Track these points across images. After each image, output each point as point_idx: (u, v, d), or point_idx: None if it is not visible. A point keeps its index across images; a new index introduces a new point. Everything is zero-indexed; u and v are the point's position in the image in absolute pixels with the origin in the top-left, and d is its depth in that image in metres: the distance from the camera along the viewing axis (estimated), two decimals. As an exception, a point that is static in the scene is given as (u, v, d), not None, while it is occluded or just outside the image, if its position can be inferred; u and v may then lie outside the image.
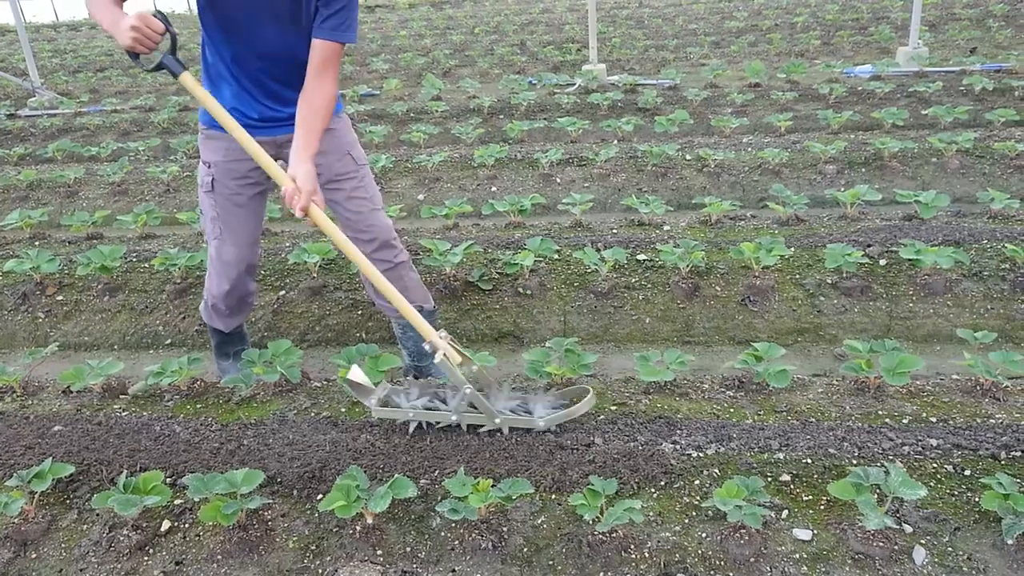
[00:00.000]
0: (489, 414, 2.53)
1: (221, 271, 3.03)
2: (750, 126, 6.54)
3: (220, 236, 2.97)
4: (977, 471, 2.27)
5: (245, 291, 3.13)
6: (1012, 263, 3.62)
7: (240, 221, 2.96)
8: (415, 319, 2.54)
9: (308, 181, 2.53)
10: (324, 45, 2.62)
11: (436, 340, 2.48)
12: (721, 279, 3.75)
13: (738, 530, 2.12)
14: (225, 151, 2.85)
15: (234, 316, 3.22)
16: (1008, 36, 10.22)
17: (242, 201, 2.93)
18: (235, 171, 2.87)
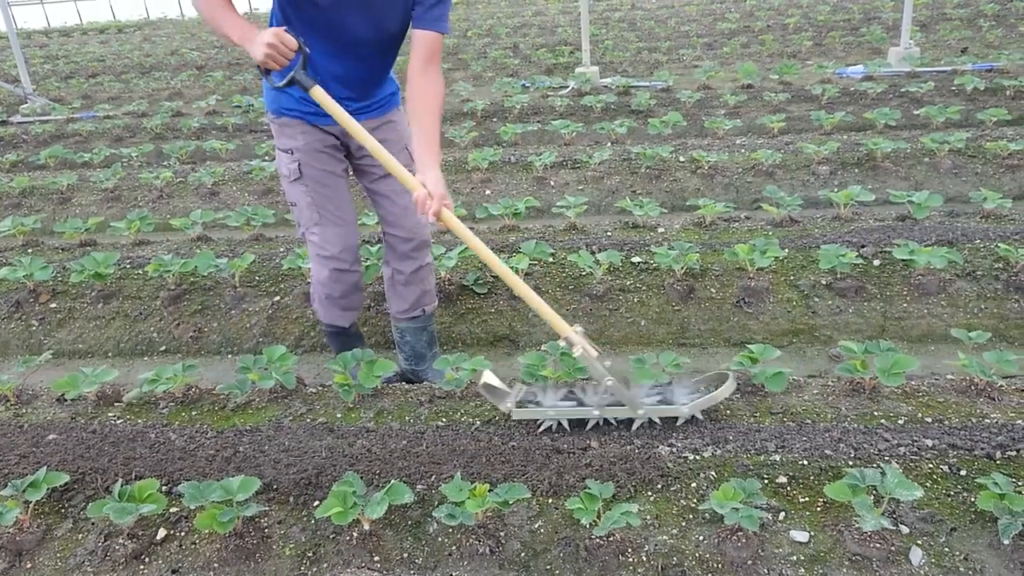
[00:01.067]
0: (633, 405, 2.48)
1: (330, 255, 2.99)
2: (743, 127, 6.56)
3: (321, 221, 2.95)
4: (973, 471, 2.28)
5: (356, 274, 3.10)
6: (1005, 262, 3.63)
7: (337, 200, 2.96)
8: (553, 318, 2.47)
9: (439, 185, 2.49)
10: (430, 37, 2.62)
11: (573, 335, 2.42)
12: (716, 281, 3.75)
13: (735, 532, 2.13)
14: (303, 135, 2.86)
15: (351, 307, 3.21)
16: (999, 35, 10.26)
17: (333, 181, 2.94)
18: (318, 148, 2.88)
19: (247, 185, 5.95)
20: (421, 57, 2.62)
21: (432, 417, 2.75)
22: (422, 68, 2.62)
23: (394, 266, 3.15)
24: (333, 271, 3.03)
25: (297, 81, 2.54)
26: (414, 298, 3.19)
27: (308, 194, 2.92)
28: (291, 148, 2.89)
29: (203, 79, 11.56)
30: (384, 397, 2.92)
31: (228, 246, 4.56)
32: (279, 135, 2.92)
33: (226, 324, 3.90)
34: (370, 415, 2.79)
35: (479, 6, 19.01)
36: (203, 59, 13.60)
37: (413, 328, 3.27)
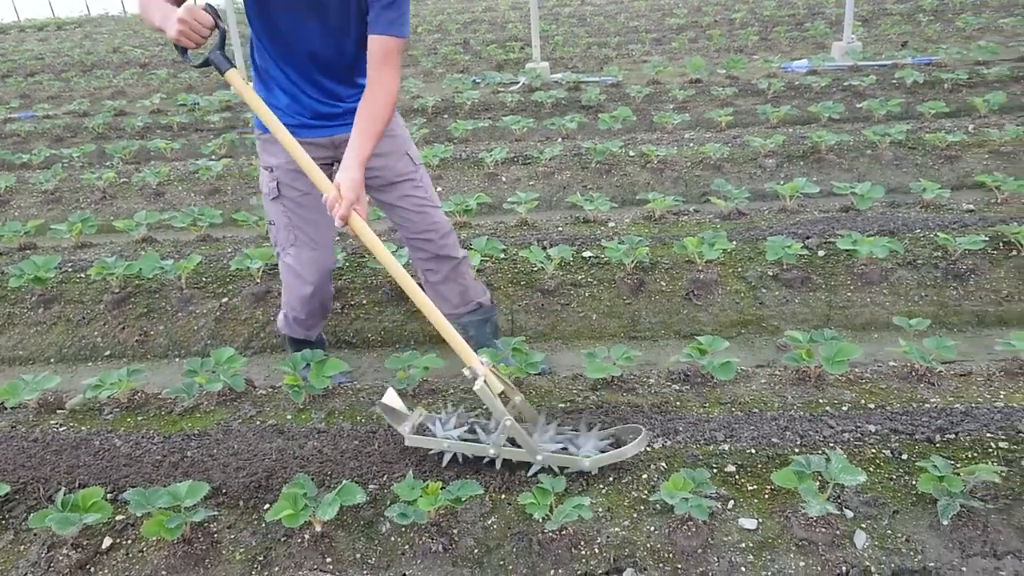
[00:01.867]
0: (531, 450, 2.32)
1: (302, 278, 2.93)
2: (691, 122, 6.63)
3: (296, 242, 2.89)
4: (914, 455, 2.34)
5: (325, 295, 3.06)
6: (944, 251, 3.73)
7: (314, 224, 2.87)
8: (456, 341, 2.35)
9: (352, 189, 2.37)
10: (382, 41, 2.52)
11: (477, 365, 2.30)
12: (666, 274, 3.79)
13: (685, 522, 2.15)
14: (284, 152, 2.75)
15: (316, 324, 3.18)
16: (937, 30, 10.51)
17: (313, 203, 2.81)
18: (299, 170, 2.77)
19: (193, 185, 5.85)
20: (374, 59, 2.54)
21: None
22: (376, 72, 2.54)
23: (424, 268, 3.08)
24: (303, 297, 2.98)
25: (212, 62, 2.42)
26: (458, 294, 3.12)
27: (286, 214, 2.86)
28: (272, 166, 2.82)
29: (147, 77, 11.32)
30: (335, 397, 2.90)
31: (174, 247, 4.48)
32: (262, 151, 2.86)
33: (173, 327, 3.83)
34: (321, 416, 2.77)
35: (428, 2, 18.91)
36: (147, 57, 13.32)
37: (476, 322, 3.19)
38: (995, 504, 2.14)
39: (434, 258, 3.04)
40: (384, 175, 2.87)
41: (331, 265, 3.01)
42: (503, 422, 2.29)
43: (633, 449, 2.32)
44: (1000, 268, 3.65)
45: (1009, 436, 2.39)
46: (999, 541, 2.05)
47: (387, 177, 2.89)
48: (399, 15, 2.53)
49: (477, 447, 2.38)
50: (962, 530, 2.08)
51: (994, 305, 3.54)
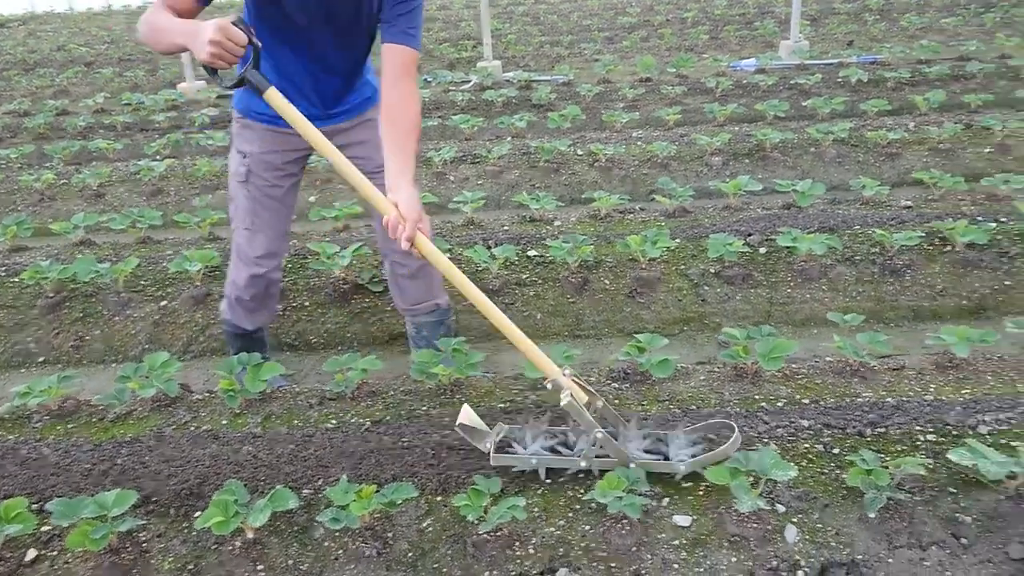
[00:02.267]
0: (623, 459, 2.23)
1: (249, 261, 2.94)
2: (640, 120, 6.67)
3: (252, 227, 2.89)
4: (845, 449, 2.37)
5: (271, 280, 3.02)
6: (881, 247, 3.79)
7: (274, 213, 2.90)
8: (533, 353, 2.25)
9: (413, 208, 2.24)
10: (400, 52, 2.43)
11: (560, 378, 2.18)
12: (610, 272, 3.81)
13: (619, 521, 2.16)
14: (261, 142, 2.76)
15: (260, 311, 3.12)
16: (882, 29, 10.72)
17: (278, 194, 2.87)
18: (271, 162, 2.80)
19: (135, 186, 5.73)
20: (392, 73, 2.44)
21: (322, 420, 2.71)
22: (393, 84, 2.44)
23: (394, 259, 3.03)
24: (250, 276, 2.97)
25: (248, 81, 2.21)
26: (422, 292, 3.09)
27: (249, 198, 2.87)
28: (245, 152, 2.83)
29: (91, 76, 11.08)
30: (273, 401, 2.86)
31: (112, 250, 4.38)
32: (238, 135, 2.85)
33: (109, 332, 3.75)
34: (257, 420, 2.73)
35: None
36: (92, 55, 13.04)
37: (431, 323, 3.17)
38: (921, 496, 2.18)
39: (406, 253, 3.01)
40: (365, 165, 2.79)
41: (282, 253, 3.03)
42: (594, 434, 2.19)
43: (730, 448, 2.23)
44: (935, 263, 3.73)
45: (937, 429, 2.43)
46: (924, 532, 2.09)
47: (367, 167, 2.82)
48: (416, 26, 2.47)
49: (567, 460, 2.29)
50: (889, 522, 2.11)
51: (929, 300, 3.62)
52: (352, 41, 2.64)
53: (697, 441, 2.33)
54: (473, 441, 2.37)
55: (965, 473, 2.22)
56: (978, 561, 2.02)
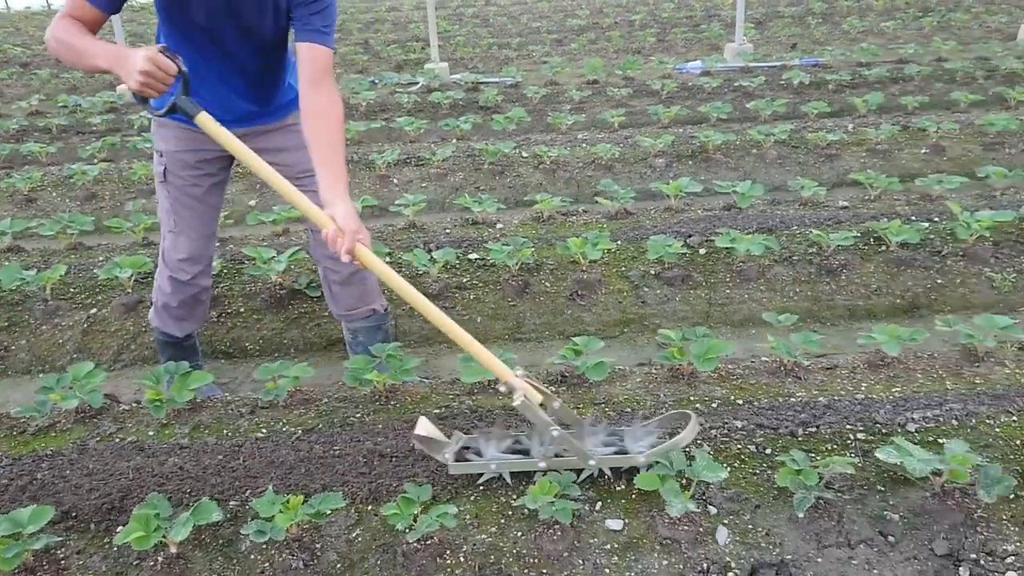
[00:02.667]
0: (582, 456, 2.23)
1: (175, 266, 2.88)
2: (586, 122, 6.68)
3: (175, 229, 2.84)
4: (777, 449, 2.38)
5: (199, 287, 2.95)
6: (818, 247, 3.84)
7: (195, 213, 2.83)
8: (486, 357, 2.21)
9: (350, 220, 2.20)
10: (316, 51, 2.39)
11: (513, 380, 2.16)
12: (551, 275, 3.79)
13: (552, 526, 2.14)
14: (176, 140, 2.71)
15: (188, 318, 3.05)
16: (824, 32, 10.91)
17: (197, 193, 2.81)
18: (186, 161, 2.74)
19: (68, 191, 5.57)
20: (310, 74, 2.39)
21: (252, 429, 2.64)
22: (313, 86, 2.39)
23: (326, 264, 2.99)
24: (174, 280, 2.92)
25: (180, 108, 2.25)
26: (355, 297, 3.05)
27: (168, 199, 2.83)
28: (162, 151, 2.78)
29: (27, 77, 10.76)
30: (202, 411, 2.78)
31: (41, 257, 4.24)
32: (155, 134, 2.81)
33: (36, 341, 3.62)
34: (185, 431, 2.65)
35: (332, 1, 18.59)
36: (28, 56, 12.67)
37: (368, 328, 3.12)
38: (850, 495, 2.20)
39: (334, 258, 2.96)
40: (286, 171, 2.75)
41: (209, 256, 2.95)
42: (550, 433, 2.18)
43: (688, 435, 2.25)
44: (870, 263, 3.79)
45: (867, 427, 2.45)
46: (853, 531, 2.11)
47: (289, 173, 2.77)
48: (329, 24, 2.43)
49: (527, 462, 2.27)
50: (818, 522, 2.13)
51: (864, 299, 3.67)
52: (262, 41, 2.56)
53: (654, 433, 2.33)
54: (431, 452, 2.34)
55: (893, 471, 2.25)
56: (904, 558, 2.04)
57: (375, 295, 3.11)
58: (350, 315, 3.08)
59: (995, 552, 2.03)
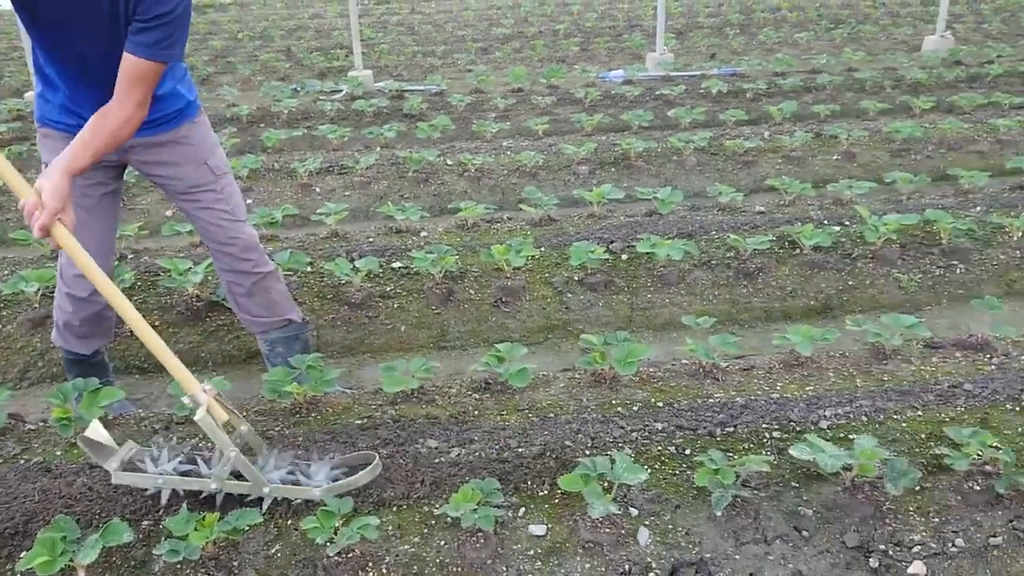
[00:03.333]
0: (257, 482, 2.17)
1: (72, 282, 2.75)
2: (511, 130, 6.71)
3: None
4: (696, 450, 2.42)
5: (101, 303, 2.81)
6: (736, 252, 3.93)
7: (89, 226, 2.66)
8: (173, 364, 2.18)
9: (55, 197, 2.13)
10: (133, 62, 2.32)
11: (199, 394, 2.15)
12: (475, 282, 3.79)
13: (474, 534, 2.13)
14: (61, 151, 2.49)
15: (93, 335, 2.92)
16: (742, 43, 11.22)
17: (90, 204, 2.67)
18: None
19: (-29, 202, 5.33)
20: (124, 79, 2.36)
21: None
22: (121, 91, 2.36)
23: (228, 279, 2.94)
24: (72, 297, 2.81)
25: None
26: (262, 308, 2.98)
27: None
28: (47, 162, 2.64)
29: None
30: (113, 428, 2.68)
31: (-59, 271, 4.05)
32: (41, 146, 2.70)
33: (-65, 360, 3.45)
34: (95, 449, 2.55)
35: (253, 7, 18.30)
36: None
37: (285, 338, 3.05)
38: (766, 492, 2.25)
39: (236, 272, 2.91)
40: (176, 185, 2.77)
41: (108, 270, 2.84)
42: (227, 454, 2.13)
43: (366, 476, 2.23)
44: (785, 266, 3.90)
45: (782, 425, 2.52)
46: (769, 527, 2.16)
47: (179, 188, 2.78)
48: (160, 39, 2.34)
49: (196, 481, 2.19)
50: (736, 519, 2.17)
51: (780, 301, 3.77)
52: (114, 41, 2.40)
53: (338, 467, 2.31)
54: (98, 459, 2.24)
55: (806, 467, 2.31)
56: (818, 552, 2.10)
57: (286, 305, 3.06)
58: (264, 326, 3.03)
59: (902, 542, 2.10)
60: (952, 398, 2.63)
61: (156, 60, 2.35)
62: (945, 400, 2.62)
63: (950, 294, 3.82)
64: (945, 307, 3.78)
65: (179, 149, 2.71)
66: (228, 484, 2.19)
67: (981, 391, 2.65)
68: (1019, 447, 2.37)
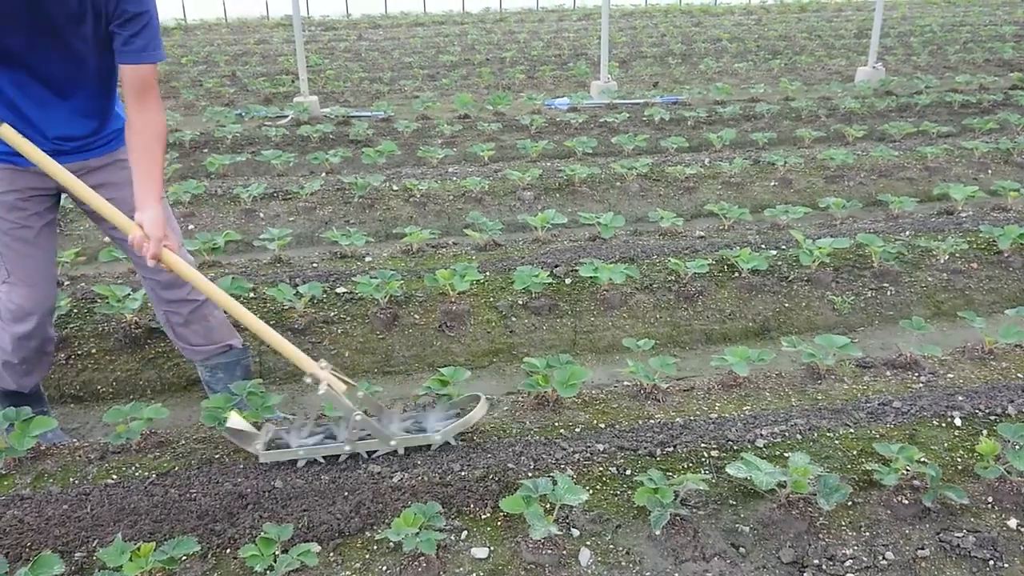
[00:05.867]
0: (383, 437, 2.46)
1: (15, 318, 2.68)
2: (457, 156, 6.75)
3: (9, 279, 2.64)
4: (636, 470, 2.46)
5: (43, 338, 2.77)
6: (676, 275, 4.01)
7: (31, 258, 2.64)
8: (293, 353, 2.44)
9: (157, 226, 2.33)
10: (134, 70, 2.41)
11: (318, 371, 2.38)
12: (419, 307, 3.80)
13: (416, 558, 2.13)
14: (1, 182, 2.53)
15: (32, 372, 2.85)
16: (684, 72, 11.47)
17: (28, 235, 2.62)
18: (11, 203, 2.56)
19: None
20: (132, 90, 2.44)
21: (101, 475, 2.51)
22: (135, 102, 2.45)
23: (165, 308, 2.90)
24: (15, 337, 2.71)
25: None
26: (201, 336, 2.95)
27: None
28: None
29: None
30: (47, 458, 2.62)
31: None
32: None
33: None
34: (27, 480, 2.49)
35: (198, 32, 18.13)
36: None
37: (225, 364, 3.02)
38: (705, 510, 2.30)
39: (172, 301, 2.87)
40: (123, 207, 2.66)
41: (50, 304, 2.77)
42: (353, 418, 2.39)
43: (478, 414, 2.51)
44: (724, 289, 3.98)
45: (720, 444, 2.57)
46: (708, 544, 2.20)
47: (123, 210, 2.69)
48: (148, 40, 2.42)
49: (332, 447, 2.46)
50: (675, 538, 2.21)
51: (719, 323, 3.85)
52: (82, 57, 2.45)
53: (450, 416, 2.59)
54: (242, 444, 2.51)
55: (743, 485, 2.36)
56: (755, 568, 2.14)
57: (226, 331, 3.03)
58: (203, 353, 2.99)
59: (835, 556, 2.16)
60: (882, 415, 2.71)
61: (153, 62, 2.45)
62: (875, 417, 2.71)
63: (881, 315, 3.95)
64: (876, 327, 3.90)
65: (119, 172, 2.68)
66: (359, 445, 2.47)
67: (910, 408, 2.74)
68: (945, 461, 2.47)
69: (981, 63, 11.63)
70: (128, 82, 2.44)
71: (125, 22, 2.37)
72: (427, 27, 18.39)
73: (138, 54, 2.41)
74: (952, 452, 2.52)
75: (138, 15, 2.37)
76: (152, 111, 2.48)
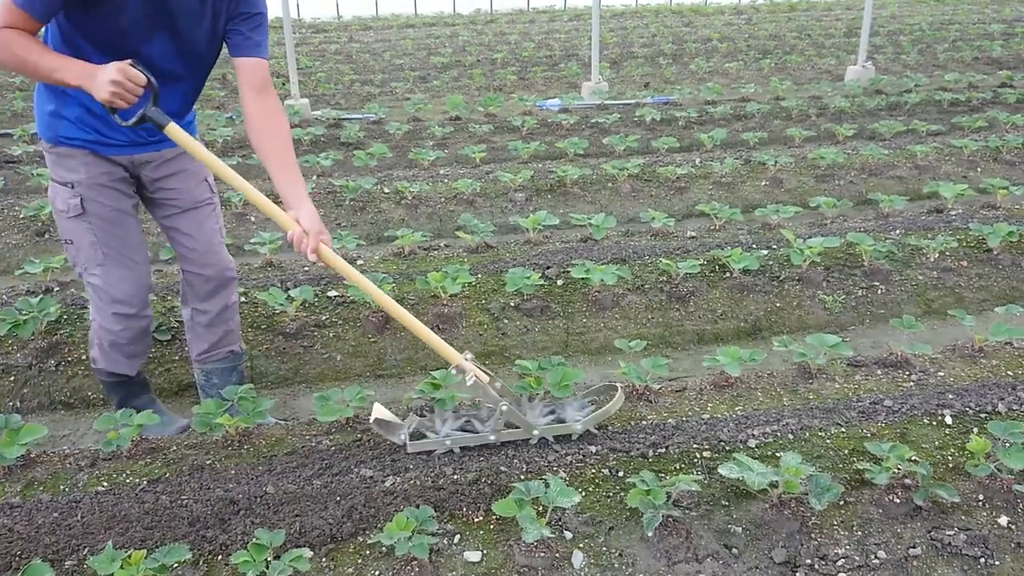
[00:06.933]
0: (527, 427, 2.53)
1: (116, 299, 2.72)
2: (448, 158, 6.75)
3: (104, 261, 2.67)
4: (629, 471, 2.46)
5: (146, 319, 2.83)
6: (668, 276, 4.01)
7: (126, 239, 2.70)
8: (439, 345, 2.52)
9: (314, 221, 2.36)
10: (256, 65, 2.50)
11: (463, 363, 2.46)
12: (411, 310, 3.75)
13: (409, 562, 2.12)
14: (86, 167, 2.56)
15: (138, 354, 2.93)
16: (674, 72, 11.50)
17: (121, 218, 2.68)
18: (104, 184, 2.60)
19: None
20: (253, 88, 2.50)
21: (92, 483, 2.49)
22: (258, 99, 2.50)
23: (194, 306, 2.93)
24: (118, 316, 2.76)
25: (149, 118, 2.33)
26: (217, 338, 2.98)
27: (92, 232, 2.65)
28: (71, 181, 2.60)
29: None
30: (37, 466, 2.61)
31: None
32: (56, 166, 2.63)
33: None
34: (16, 489, 2.48)
35: (188, 36, 18.07)
36: None
37: (221, 369, 3.04)
38: (697, 511, 2.30)
39: (210, 297, 2.91)
40: (182, 201, 2.79)
41: (148, 284, 2.84)
42: (499, 408, 2.47)
43: (616, 404, 2.58)
44: (715, 289, 3.99)
45: (712, 445, 2.58)
46: (700, 545, 2.19)
47: (184, 203, 2.80)
48: (263, 38, 2.54)
49: (478, 437, 2.54)
50: (668, 539, 2.21)
51: (711, 323, 3.86)
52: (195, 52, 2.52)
53: (586, 405, 2.66)
54: (388, 435, 2.58)
55: (735, 485, 2.37)
56: (747, 568, 2.14)
57: (237, 336, 3.08)
58: (209, 357, 3.01)
59: (827, 556, 2.16)
60: (873, 414, 2.72)
61: (267, 57, 2.53)
62: (867, 416, 2.71)
63: (872, 314, 3.96)
64: (867, 326, 3.91)
65: (186, 164, 2.74)
66: (503, 434, 2.55)
67: (900, 407, 2.75)
68: (936, 460, 2.47)
69: (970, 61, 11.69)
70: (247, 79, 2.50)
71: (243, 20, 2.49)
72: (418, 29, 18.42)
73: (258, 48, 2.52)
74: (943, 450, 2.53)
75: (255, 15, 2.51)
76: (277, 111, 2.55)
